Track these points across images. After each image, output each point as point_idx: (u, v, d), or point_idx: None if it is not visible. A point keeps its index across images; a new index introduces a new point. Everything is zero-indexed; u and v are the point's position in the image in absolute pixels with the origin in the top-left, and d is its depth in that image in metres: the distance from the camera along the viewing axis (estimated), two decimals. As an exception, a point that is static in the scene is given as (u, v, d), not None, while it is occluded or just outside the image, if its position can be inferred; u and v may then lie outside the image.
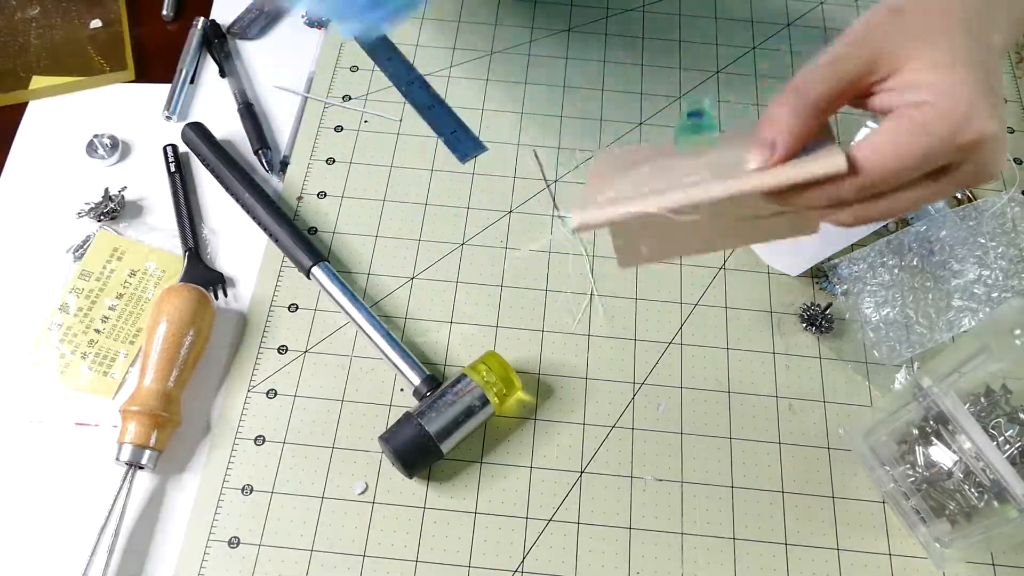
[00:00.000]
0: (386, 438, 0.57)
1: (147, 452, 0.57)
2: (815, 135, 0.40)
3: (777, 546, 0.58)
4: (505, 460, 0.60)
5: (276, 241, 0.67)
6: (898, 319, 0.64)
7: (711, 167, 0.41)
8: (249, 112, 0.74)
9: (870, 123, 0.74)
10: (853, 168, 0.38)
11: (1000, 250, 0.67)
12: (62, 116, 0.75)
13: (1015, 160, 0.74)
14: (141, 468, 0.57)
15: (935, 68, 0.38)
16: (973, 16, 0.40)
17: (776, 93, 0.41)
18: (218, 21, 0.80)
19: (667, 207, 0.40)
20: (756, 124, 0.41)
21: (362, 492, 0.59)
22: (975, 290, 0.66)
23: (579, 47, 0.80)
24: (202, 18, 0.80)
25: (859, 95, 0.41)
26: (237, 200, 0.69)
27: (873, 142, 0.38)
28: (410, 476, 0.58)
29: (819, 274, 0.68)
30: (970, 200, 0.70)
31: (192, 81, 0.77)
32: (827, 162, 0.38)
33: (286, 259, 0.67)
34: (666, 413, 0.62)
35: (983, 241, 0.67)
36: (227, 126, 0.74)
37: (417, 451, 0.57)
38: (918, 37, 0.39)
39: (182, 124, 0.73)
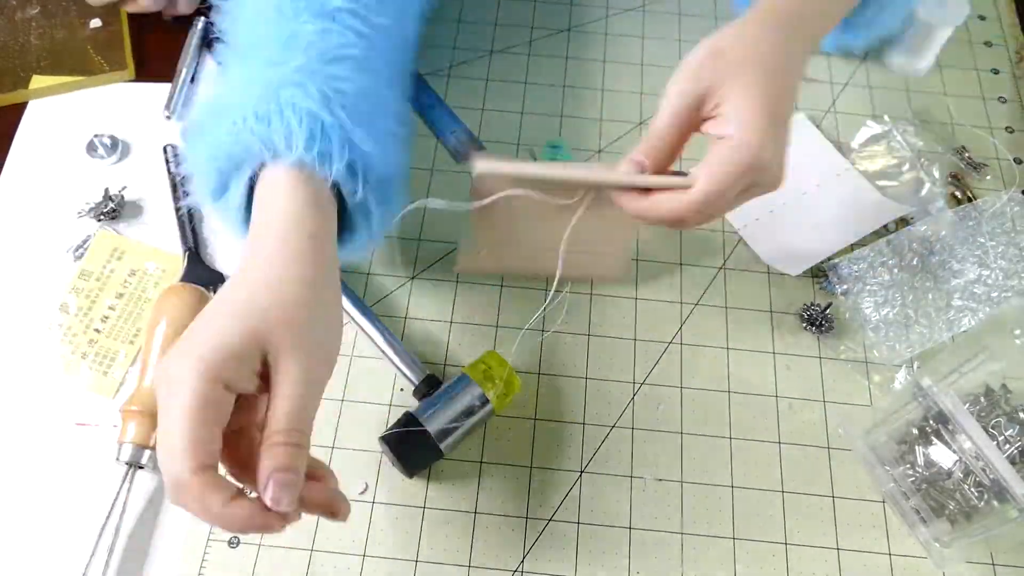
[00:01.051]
0: (386, 438, 0.57)
1: (147, 452, 0.57)
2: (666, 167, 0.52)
3: (777, 546, 0.58)
4: (505, 460, 0.60)
5: (276, 241, 0.67)
6: (898, 319, 0.64)
7: (582, 169, 0.54)
8: (249, 112, 0.74)
9: (870, 122, 0.74)
10: (689, 197, 0.48)
11: (1000, 250, 0.67)
12: (62, 116, 0.75)
13: (1015, 160, 0.74)
14: (141, 468, 0.57)
15: (738, 104, 0.48)
16: (769, 52, 0.50)
17: (646, 137, 0.51)
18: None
19: (560, 175, 0.52)
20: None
21: (362, 492, 0.59)
22: (975, 290, 0.66)
23: (579, 47, 0.80)
24: (202, 17, 0.80)
25: (697, 128, 0.51)
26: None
27: (702, 171, 0.48)
28: (410, 476, 0.59)
29: (819, 274, 0.68)
30: (970, 200, 0.70)
31: (192, 80, 0.77)
32: (679, 179, 0.50)
33: (286, 259, 0.67)
34: (666, 413, 0.62)
35: (983, 241, 0.67)
36: (227, 126, 0.74)
37: (417, 451, 0.57)
38: (730, 76, 0.48)
39: (182, 124, 0.73)
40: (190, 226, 0.68)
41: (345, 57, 0.51)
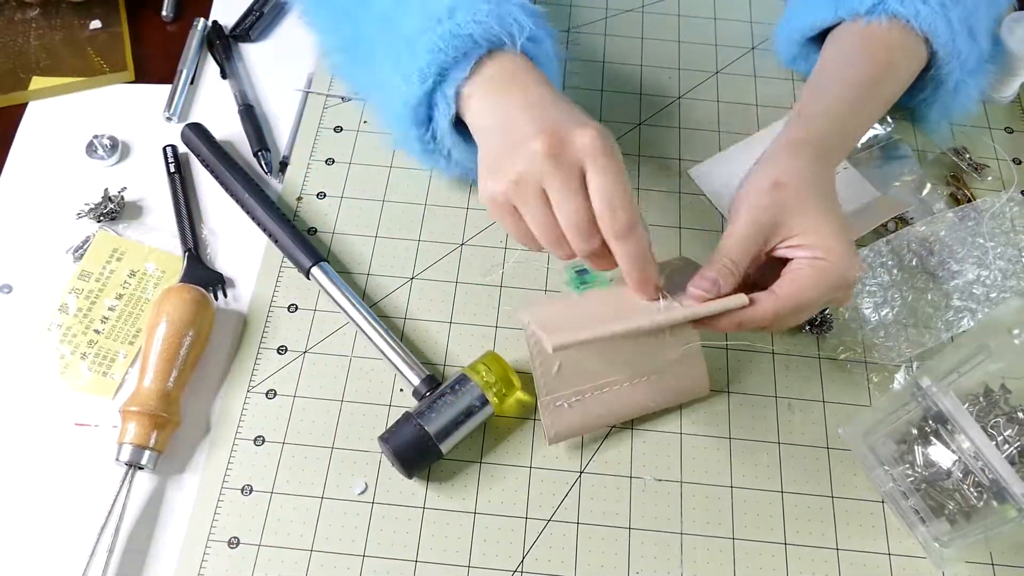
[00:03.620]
0: (386, 438, 0.57)
1: (147, 452, 0.57)
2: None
3: (777, 546, 0.58)
4: (505, 460, 0.60)
5: (276, 241, 0.67)
6: (897, 319, 0.64)
7: (640, 308, 0.55)
8: (249, 113, 0.74)
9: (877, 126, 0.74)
10: (785, 301, 0.54)
11: (999, 250, 0.67)
12: (62, 117, 0.75)
13: (1014, 160, 0.74)
14: (141, 468, 0.57)
15: (819, 232, 0.54)
16: (820, 176, 0.57)
17: (715, 262, 0.55)
18: (219, 22, 0.80)
19: (628, 329, 0.53)
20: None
21: (362, 492, 0.59)
22: (974, 290, 0.66)
23: (579, 47, 0.81)
24: (202, 19, 0.80)
25: (763, 254, 0.56)
26: (237, 201, 0.69)
27: (795, 286, 0.54)
28: (410, 476, 0.59)
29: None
30: (969, 200, 0.71)
31: (192, 82, 0.77)
32: (735, 299, 0.54)
33: (286, 259, 0.67)
34: (666, 413, 0.62)
35: (982, 241, 0.67)
36: (227, 127, 0.74)
37: (417, 451, 0.57)
38: (799, 209, 0.55)
39: (182, 125, 0.73)
40: (190, 226, 0.68)
41: None
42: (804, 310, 0.55)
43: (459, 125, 0.61)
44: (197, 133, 0.72)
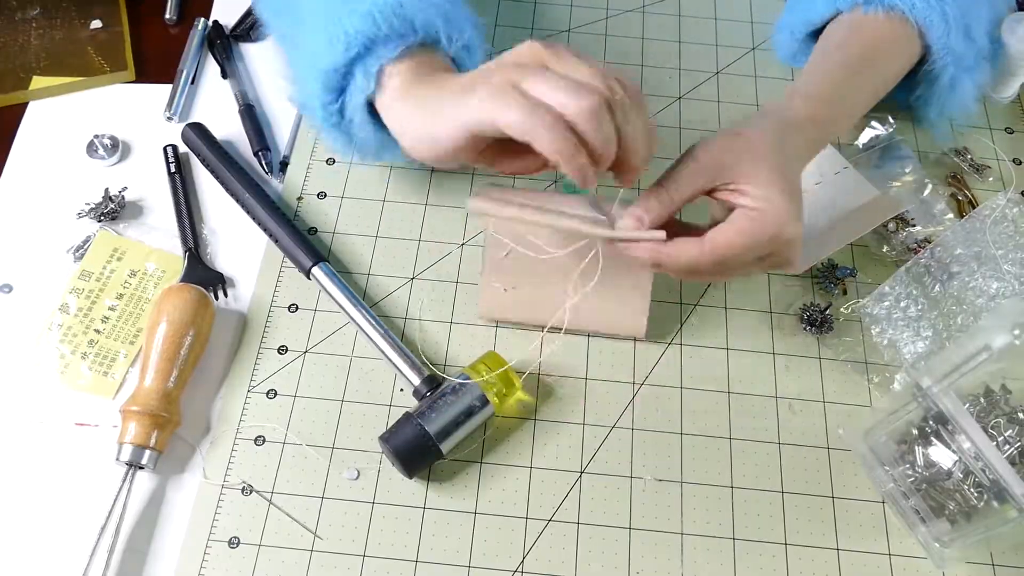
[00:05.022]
0: (386, 438, 0.57)
1: (147, 452, 0.57)
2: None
3: (777, 546, 0.58)
4: (505, 460, 0.60)
5: (276, 241, 0.67)
6: (932, 349, 0.63)
7: (576, 216, 0.56)
8: (250, 113, 0.74)
9: (874, 123, 0.73)
10: (710, 245, 0.53)
11: (1009, 256, 0.65)
12: (62, 116, 0.75)
13: (1014, 161, 0.74)
14: (141, 468, 0.57)
15: (763, 183, 0.53)
16: (785, 141, 0.56)
17: (650, 186, 0.55)
18: (220, 22, 0.80)
19: (551, 224, 0.55)
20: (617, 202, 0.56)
21: (354, 479, 0.59)
22: (994, 304, 0.64)
23: (579, 47, 0.80)
24: (203, 19, 0.80)
25: (706, 193, 0.55)
26: (237, 200, 0.69)
27: (724, 232, 0.53)
28: (410, 476, 0.59)
29: (819, 274, 0.68)
30: (970, 201, 0.70)
31: (193, 82, 0.77)
32: (654, 233, 0.54)
33: (286, 259, 0.67)
34: (666, 413, 0.62)
35: (992, 252, 0.65)
36: (228, 127, 0.74)
37: (417, 451, 0.57)
38: (749, 158, 0.54)
39: (182, 125, 0.73)
40: (190, 226, 0.68)
41: None
42: (732, 261, 0.54)
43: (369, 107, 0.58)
44: (198, 133, 0.72)
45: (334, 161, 0.73)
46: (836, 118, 0.62)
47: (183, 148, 0.73)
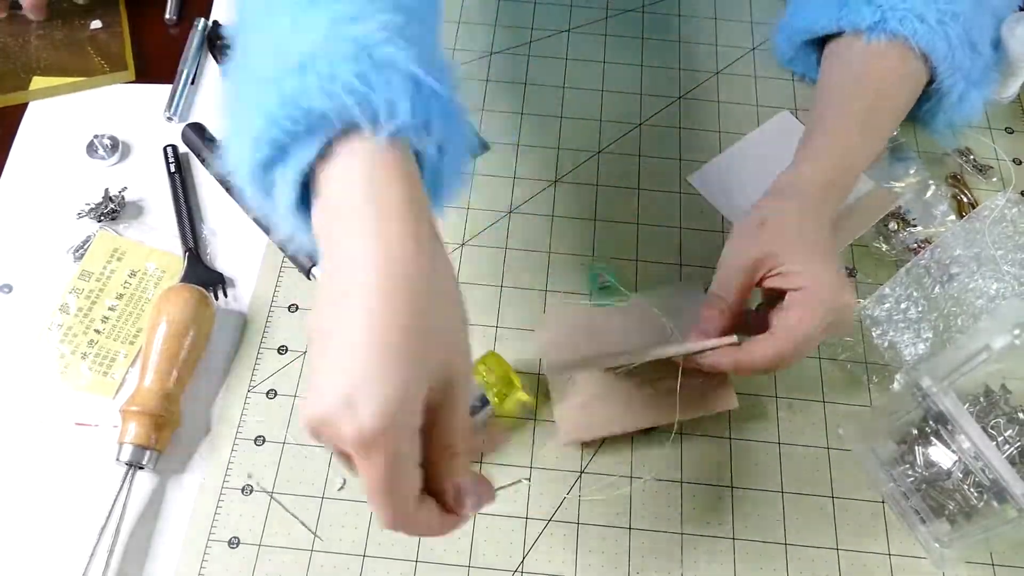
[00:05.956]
0: (386, 438, 0.57)
1: (147, 452, 0.57)
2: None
3: (777, 546, 0.58)
4: (505, 460, 0.60)
5: (276, 241, 0.67)
6: (933, 351, 0.63)
7: (654, 346, 0.59)
8: (249, 112, 0.74)
9: None
10: (782, 336, 0.55)
11: (1009, 257, 0.66)
12: (62, 116, 0.75)
13: (1014, 160, 0.74)
14: (141, 468, 0.57)
15: (802, 261, 0.55)
16: (807, 214, 0.58)
17: (708, 298, 0.58)
18: (219, 22, 0.80)
19: (628, 360, 0.58)
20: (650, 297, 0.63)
21: (340, 488, 0.59)
22: (993, 305, 0.64)
23: (579, 47, 0.80)
24: (203, 19, 0.80)
25: (754, 287, 0.58)
26: (237, 200, 0.69)
27: (787, 319, 0.55)
28: (410, 476, 0.58)
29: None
30: (973, 207, 0.70)
31: (193, 82, 0.77)
32: (728, 339, 0.56)
33: (286, 259, 0.67)
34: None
35: (992, 253, 0.65)
36: (227, 126, 0.74)
37: (417, 451, 0.57)
38: (782, 243, 0.56)
39: (182, 125, 0.73)
40: (190, 226, 0.68)
41: (407, 7, 0.42)
42: (804, 343, 0.55)
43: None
44: (198, 133, 0.72)
45: (334, 161, 0.73)
46: (852, 168, 0.62)
47: (183, 148, 0.73)
